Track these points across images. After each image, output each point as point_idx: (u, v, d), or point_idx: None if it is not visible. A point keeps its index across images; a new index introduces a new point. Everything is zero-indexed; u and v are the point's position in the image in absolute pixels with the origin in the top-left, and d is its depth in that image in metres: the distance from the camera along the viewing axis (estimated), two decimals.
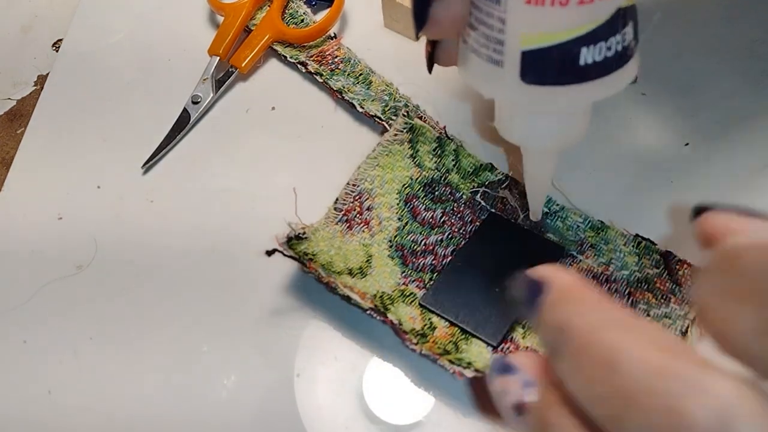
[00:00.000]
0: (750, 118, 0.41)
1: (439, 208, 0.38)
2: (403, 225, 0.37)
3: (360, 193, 0.38)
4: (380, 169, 0.39)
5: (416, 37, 0.29)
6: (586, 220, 0.36)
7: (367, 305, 0.33)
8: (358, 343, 0.35)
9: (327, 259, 0.35)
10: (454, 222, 0.37)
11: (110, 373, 0.35)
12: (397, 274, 0.36)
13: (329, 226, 0.37)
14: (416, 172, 0.39)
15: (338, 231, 0.37)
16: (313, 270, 0.34)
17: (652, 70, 0.44)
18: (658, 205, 0.38)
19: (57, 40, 0.50)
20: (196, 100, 0.44)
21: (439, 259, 0.36)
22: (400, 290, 0.35)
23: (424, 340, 0.33)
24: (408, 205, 0.38)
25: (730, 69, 0.44)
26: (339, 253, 0.35)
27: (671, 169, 0.40)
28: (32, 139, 0.44)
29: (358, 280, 0.35)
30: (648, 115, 0.42)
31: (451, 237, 0.37)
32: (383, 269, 0.36)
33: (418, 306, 0.34)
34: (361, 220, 0.37)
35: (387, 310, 0.33)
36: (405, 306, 0.34)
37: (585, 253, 0.36)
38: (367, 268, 0.36)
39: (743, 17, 0.46)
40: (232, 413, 0.34)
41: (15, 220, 0.41)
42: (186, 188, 0.41)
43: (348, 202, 0.38)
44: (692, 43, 0.45)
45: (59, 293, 0.38)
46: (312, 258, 0.34)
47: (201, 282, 0.38)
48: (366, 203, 0.38)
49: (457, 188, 0.38)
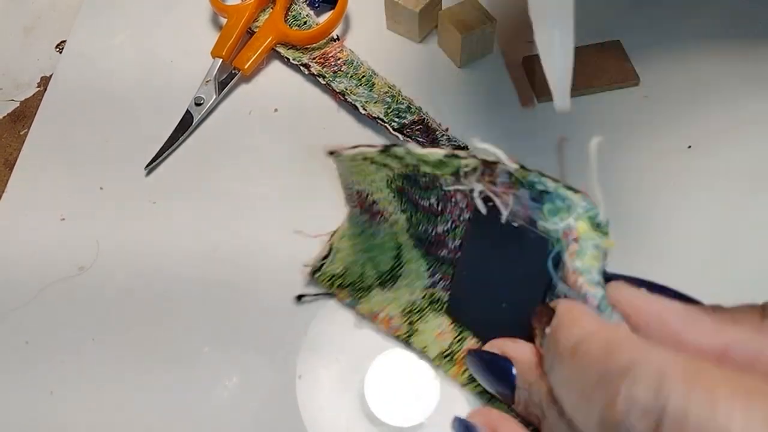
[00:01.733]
0: (752, 121, 0.41)
1: (432, 195, 0.33)
2: (410, 215, 0.35)
3: (358, 192, 0.35)
4: (357, 176, 0.34)
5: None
6: (587, 208, 0.29)
7: (392, 335, 0.34)
8: (360, 345, 0.35)
9: (358, 272, 0.35)
10: (452, 209, 0.33)
11: (112, 373, 0.35)
12: (424, 270, 0.35)
13: (356, 218, 0.36)
14: (389, 171, 0.33)
15: (366, 221, 0.36)
16: (341, 300, 0.35)
17: (654, 73, 0.44)
18: (660, 206, 0.38)
19: (60, 42, 0.50)
20: (199, 102, 0.44)
21: (452, 252, 0.34)
22: (429, 295, 0.35)
23: (451, 363, 0.33)
24: (403, 195, 0.34)
25: (733, 72, 0.44)
26: (370, 257, 0.35)
27: (674, 171, 0.40)
28: (35, 140, 0.44)
29: (389, 290, 0.35)
30: (650, 117, 0.42)
31: (455, 226, 0.34)
32: (411, 266, 0.35)
33: (446, 314, 0.34)
34: (376, 210, 0.36)
35: (413, 334, 0.34)
36: (434, 318, 0.34)
37: (569, 248, 0.28)
38: (398, 267, 0.35)
39: (746, 20, 0.46)
40: (233, 415, 0.34)
41: (18, 221, 0.41)
42: (188, 190, 0.41)
43: (355, 199, 0.36)
44: (695, 46, 0.45)
45: (61, 294, 0.38)
46: (341, 283, 0.35)
47: (203, 283, 0.38)
48: (368, 199, 0.36)
49: (434, 176, 0.32)
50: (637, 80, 0.43)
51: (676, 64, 0.44)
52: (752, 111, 0.42)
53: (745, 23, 0.46)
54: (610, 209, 0.38)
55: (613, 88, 0.43)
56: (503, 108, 0.43)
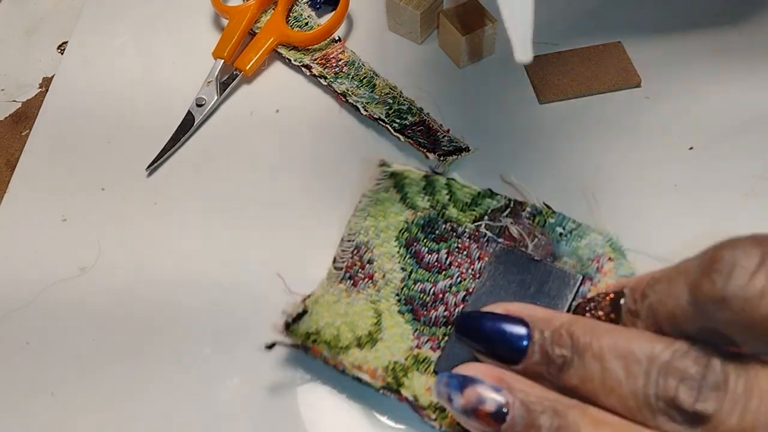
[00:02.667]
0: (754, 122, 0.41)
1: (443, 248, 0.35)
2: (408, 274, 0.35)
3: (357, 246, 0.36)
4: (372, 219, 0.36)
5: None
6: (606, 237, 0.34)
7: (379, 384, 0.31)
8: None
9: (333, 333, 0.33)
10: (461, 261, 0.35)
11: (113, 374, 0.35)
12: (409, 334, 0.33)
13: (333, 287, 0.35)
14: (411, 214, 0.36)
15: (343, 290, 0.35)
16: (317, 354, 0.32)
17: (656, 75, 0.44)
18: (662, 208, 0.38)
19: (62, 43, 0.51)
20: (201, 103, 0.44)
21: (450, 309, 0.34)
22: (414, 356, 0.33)
23: (444, 414, 0.31)
24: (409, 250, 0.35)
25: (735, 73, 0.43)
26: (346, 321, 0.33)
27: (675, 173, 0.40)
28: (37, 141, 0.44)
29: (368, 351, 0.33)
30: (652, 119, 0.42)
31: (461, 281, 0.34)
32: (394, 330, 0.34)
33: (433, 374, 0.32)
34: (364, 275, 0.35)
35: (401, 386, 0.31)
36: (420, 375, 0.32)
37: (603, 269, 0.33)
38: (377, 332, 0.33)
39: (748, 20, 0.46)
40: (234, 415, 0.33)
41: (19, 221, 0.41)
42: (190, 191, 0.41)
43: (347, 258, 0.35)
44: (697, 48, 0.45)
45: (63, 295, 0.38)
46: (316, 339, 0.32)
47: (205, 283, 0.38)
48: (366, 256, 0.35)
49: (458, 222, 0.36)
50: (639, 81, 0.43)
51: (678, 65, 0.44)
52: (754, 112, 0.42)
53: (747, 25, 0.46)
54: (611, 210, 0.38)
55: (615, 90, 0.43)
56: (504, 108, 0.43)
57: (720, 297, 0.23)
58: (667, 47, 0.45)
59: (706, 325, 0.25)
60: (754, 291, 0.23)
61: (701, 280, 0.24)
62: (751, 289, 0.23)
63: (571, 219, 0.34)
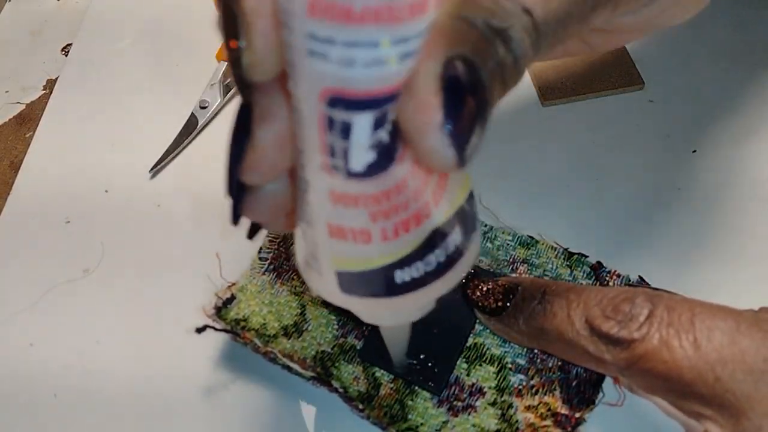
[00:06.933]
0: (758, 125, 0.41)
1: None
2: None
3: (284, 238, 0.36)
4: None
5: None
6: (515, 237, 0.36)
7: (309, 374, 0.32)
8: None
9: (260, 321, 0.34)
10: None
11: (115, 375, 0.35)
12: (334, 325, 0.34)
13: (256, 278, 0.35)
14: None
15: (267, 282, 0.35)
16: (248, 340, 0.33)
17: (659, 77, 0.44)
18: (663, 209, 0.38)
19: (66, 45, 0.51)
20: (204, 105, 0.44)
21: None
22: (339, 345, 0.33)
23: (371, 405, 0.31)
24: None
25: (738, 76, 0.43)
26: (272, 311, 0.34)
27: (678, 175, 0.39)
28: (41, 142, 0.44)
29: (296, 340, 0.33)
30: (655, 121, 0.42)
31: None
32: (319, 321, 0.34)
33: (359, 362, 0.33)
34: (289, 267, 0.36)
35: (330, 376, 0.32)
36: (347, 365, 0.33)
37: (518, 270, 0.35)
38: (303, 322, 0.34)
39: (752, 24, 0.46)
40: (235, 416, 0.33)
41: (23, 223, 0.41)
42: (193, 193, 0.41)
43: (273, 249, 0.36)
44: (700, 50, 0.45)
45: (66, 296, 0.38)
46: (245, 325, 0.33)
47: (207, 284, 0.38)
48: (291, 248, 0.35)
49: None
50: (642, 84, 0.43)
51: (681, 68, 0.44)
52: (757, 115, 0.42)
53: (750, 28, 0.46)
54: (613, 212, 0.38)
55: (618, 92, 0.43)
56: (505, 108, 0.43)
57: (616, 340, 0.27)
58: (671, 50, 0.45)
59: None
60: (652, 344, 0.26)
61: (602, 322, 0.27)
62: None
63: (483, 222, 0.36)
